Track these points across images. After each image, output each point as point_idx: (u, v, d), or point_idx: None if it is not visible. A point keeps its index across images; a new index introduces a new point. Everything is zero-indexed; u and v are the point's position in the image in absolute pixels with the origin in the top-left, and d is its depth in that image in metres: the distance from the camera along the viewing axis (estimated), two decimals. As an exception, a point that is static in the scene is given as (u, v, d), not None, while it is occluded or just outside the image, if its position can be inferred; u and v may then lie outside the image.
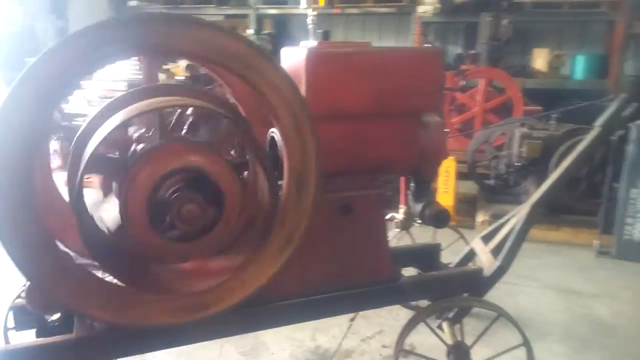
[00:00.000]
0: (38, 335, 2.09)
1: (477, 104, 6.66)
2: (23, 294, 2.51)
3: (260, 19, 9.35)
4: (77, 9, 9.67)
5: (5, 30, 7.47)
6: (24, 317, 2.19)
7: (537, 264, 4.20)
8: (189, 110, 1.91)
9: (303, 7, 6.18)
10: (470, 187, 5.76)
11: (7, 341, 2.48)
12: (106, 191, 1.82)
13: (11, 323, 2.45)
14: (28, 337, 2.06)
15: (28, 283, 1.90)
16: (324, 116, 2.10)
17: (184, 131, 1.89)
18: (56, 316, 2.06)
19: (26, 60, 7.89)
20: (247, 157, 1.87)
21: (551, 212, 4.72)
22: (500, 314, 2.34)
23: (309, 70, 2.12)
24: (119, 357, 2.02)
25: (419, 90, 2.29)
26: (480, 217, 4.91)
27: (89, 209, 1.76)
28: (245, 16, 9.25)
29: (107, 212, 1.77)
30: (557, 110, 4.94)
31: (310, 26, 6.04)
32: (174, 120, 1.78)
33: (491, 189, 5.36)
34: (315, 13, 5.93)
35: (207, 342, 2.88)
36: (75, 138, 1.83)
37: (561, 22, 8.79)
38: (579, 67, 8.19)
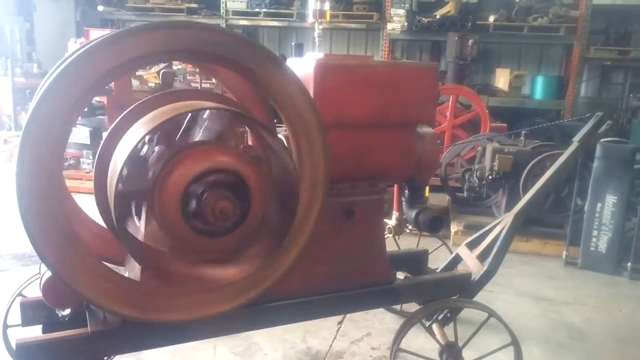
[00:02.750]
0: (45, 330, 2.10)
1: (446, 119, 6.90)
2: (25, 291, 2.53)
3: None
4: (44, 12, 9.52)
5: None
6: (31, 313, 2.19)
7: (511, 273, 4.39)
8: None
9: (310, 20, 6.38)
10: (441, 199, 5.98)
11: (6, 338, 2.47)
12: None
13: (11, 320, 2.45)
14: (29, 333, 2.06)
15: (43, 277, 1.93)
16: (329, 124, 2.20)
17: (198, 134, 1.97)
18: (67, 311, 2.09)
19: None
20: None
21: (521, 224, 4.95)
22: (491, 315, 2.49)
23: (317, 81, 2.23)
24: (132, 351, 2.06)
25: (417, 102, 2.43)
26: (454, 227, 5.09)
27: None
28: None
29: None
30: (526, 127, 5.21)
31: (317, 39, 6.21)
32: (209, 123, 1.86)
33: (464, 200, 5.56)
34: (321, 27, 6.06)
35: (201, 344, 2.96)
36: (97, 153, 1.89)
37: (522, 44, 9.25)
38: (538, 87, 8.62)
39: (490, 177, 4.95)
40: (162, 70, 6.54)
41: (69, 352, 1.93)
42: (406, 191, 2.68)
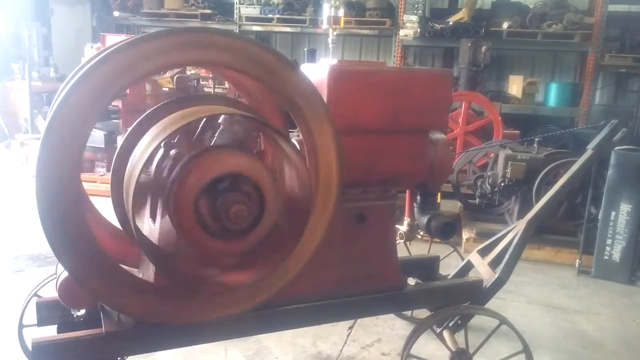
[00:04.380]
0: (59, 330, 2.14)
1: (458, 126, 6.88)
2: (40, 292, 2.57)
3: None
4: (61, 17, 9.65)
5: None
6: (47, 313, 2.22)
7: (523, 281, 4.37)
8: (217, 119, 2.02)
9: (325, 27, 6.40)
10: (453, 206, 5.95)
11: (21, 338, 2.50)
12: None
13: (26, 320, 2.49)
14: (44, 333, 2.09)
15: (59, 278, 1.96)
16: (342, 130, 2.21)
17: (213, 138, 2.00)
18: (82, 312, 2.11)
19: (12, 66, 7.83)
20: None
21: (534, 232, 4.92)
22: (503, 322, 2.48)
23: (330, 86, 2.25)
24: (145, 352, 2.08)
25: (430, 108, 2.44)
26: (466, 235, 5.08)
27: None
28: (229, 32, 9.37)
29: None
30: (539, 135, 5.19)
31: (331, 45, 6.25)
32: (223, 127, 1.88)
33: (475, 207, 5.54)
34: (335, 33, 6.10)
35: (212, 347, 2.98)
36: (115, 157, 1.92)
37: (536, 50, 9.21)
38: (552, 94, 8.57)
39: (502, 184, 4.94)
40: (176, 75, 6.62)
41: (83, 352, 1.95)
42: (418, 197, 2.68)
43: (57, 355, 1.92)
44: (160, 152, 2.04)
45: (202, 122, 2.09)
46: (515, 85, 8.76)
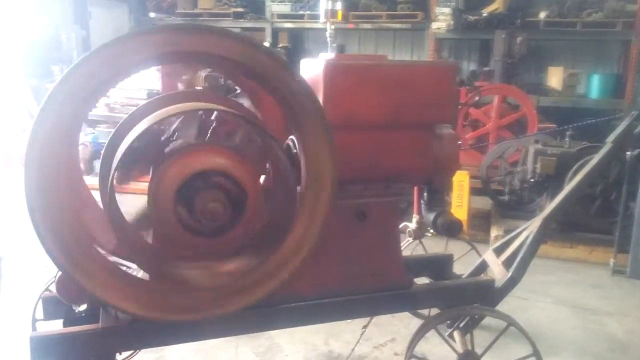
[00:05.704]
0: (65, 325, 2.18)
1: (491, 120, 6.70)
2: (51, 287, 2.64)
3: (276, 33, 9.53)
4: (99, 20, 9.92)
5: (30, 38, 7.68)
6: (53, 307, 2.28)
7: (550, 280, 4.21)
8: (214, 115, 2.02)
9: (322, 21, 6.32)
10: (484, 203, 5.80)
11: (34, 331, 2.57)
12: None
13: (40, 314, 2.55)
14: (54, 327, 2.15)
15: (58, 274, 2.00)
16: (340, 125, 2.17)
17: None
18: (83, 307, 2.15)
19: (52, 68, 8.10)
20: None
21: (566, 229, 4.73)
22: (511, 324, 2.38)
23: (326, 81, 2.21)
24: (142, 348, 2.11)
25: (433, 102, 2.36)
26: (494, 232, 4.93)
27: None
28: (261, 29, 9.43)
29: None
30: (568, 126, 4.98)
31: (329, 39, 6.18)
32: (214, 124, 1.88)
33: (505, 204, 5.38)
34: (333, 27, 6.05)
35: (223, 343, 3.00)
36: (107, 141, 1.94)
37: (576, 40, 8.85)
38: (594, 86, 8.22)
39: (532, 180, 4.77)
40: (206, 74, 6.72)
41: (80, 347, 1.99)
42: (425, 194, 2.61)
43: (55, 349, 1.96)
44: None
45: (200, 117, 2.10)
46: (554, 77, 8.47)
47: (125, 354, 2.53)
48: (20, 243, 4.62)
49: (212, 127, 2.00)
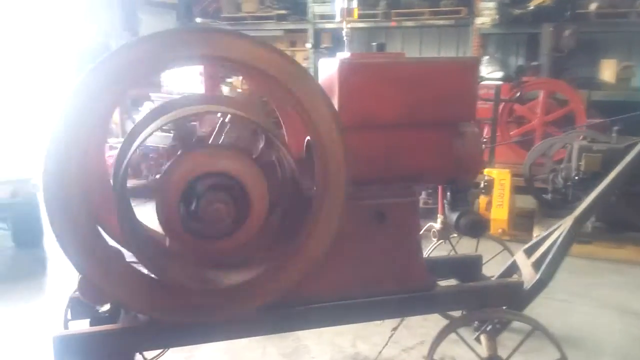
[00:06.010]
0: (91, 324, 2.25)
1: (536, 116, 6.48)
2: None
3: (319, 34, 9.55)
4: (149, 26, 10.20)
5: (80, 46, 7.98)
6: (79, 308, 2.36)
7: (595, 282, 4.02)
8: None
9: (337, 20, 6.31)
10: (528, 202, 5.61)
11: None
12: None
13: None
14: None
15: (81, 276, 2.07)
16: (357, 125, 2.16)
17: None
18: (106, 307, 2.22)
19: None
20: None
21: (614, 229, 4.52)
22: (536, 328, 2.29)
23: (341, 81, 2.19)
24: (160, 348, 2.15)
25: (452, 100, 2.30)
26: (536, 232, 4.76)
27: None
28: (304, 31, 9.48)
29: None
30: (615, 118, 4.74)
31: (345, 38, 6.14)
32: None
33: (549, 203, 5.18)
34: (349, 26, 6.00)
35: (251, 344, 3.03)
36: (116, 155, 2.00)
37: (630, 32, 8.41)
38: (650, 78, 7.82)
39: (576, 177, 4.57)
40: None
41: (100, 346, 2.03)
42: (448, 193, 2.55)
43: (77, 348, 2.01)
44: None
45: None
46: (607, 71, 8.08)
47: (153, 353, 2.61)
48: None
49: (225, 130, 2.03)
